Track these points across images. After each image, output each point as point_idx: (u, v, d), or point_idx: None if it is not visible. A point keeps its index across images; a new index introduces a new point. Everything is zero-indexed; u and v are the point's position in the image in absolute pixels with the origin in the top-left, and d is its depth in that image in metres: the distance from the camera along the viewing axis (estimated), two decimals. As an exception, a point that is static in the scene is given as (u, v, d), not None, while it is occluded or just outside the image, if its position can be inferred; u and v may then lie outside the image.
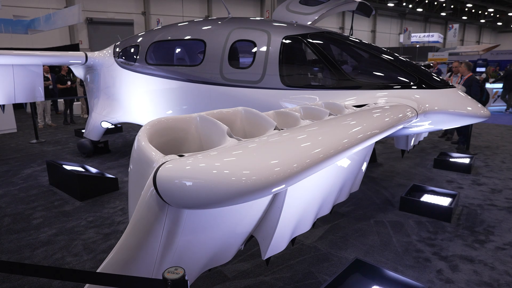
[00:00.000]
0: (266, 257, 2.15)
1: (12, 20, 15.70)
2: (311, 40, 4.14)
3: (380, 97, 3.47)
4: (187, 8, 24.13)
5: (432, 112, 3.26)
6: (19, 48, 7.54)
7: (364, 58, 4.23)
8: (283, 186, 1.25)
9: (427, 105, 3.25)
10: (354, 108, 3.04)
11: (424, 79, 3.63)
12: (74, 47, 16.67)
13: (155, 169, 1.28)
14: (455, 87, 3.77)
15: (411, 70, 3.74)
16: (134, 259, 1.51)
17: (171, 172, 1.24)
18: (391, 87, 3.62)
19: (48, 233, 3.56)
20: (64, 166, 4.82)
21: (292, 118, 2.43)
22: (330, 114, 2.57)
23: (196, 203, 1.20)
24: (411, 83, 3.63)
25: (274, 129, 2.07)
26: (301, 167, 1.32)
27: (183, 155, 1.41)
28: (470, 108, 3.45)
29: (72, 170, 4.68)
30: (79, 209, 4.14)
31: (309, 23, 5.08)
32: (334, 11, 5.23)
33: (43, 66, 10.43)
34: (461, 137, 7.15)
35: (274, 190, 1.22)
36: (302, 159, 1.37)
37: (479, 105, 3.55)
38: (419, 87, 3.57)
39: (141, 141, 1.64)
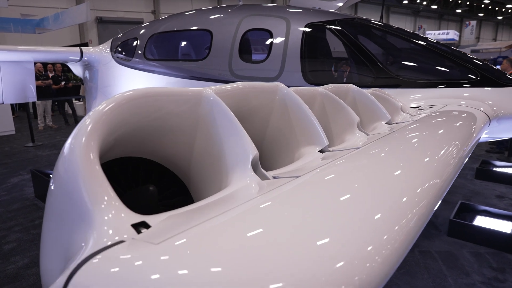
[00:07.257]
0: None
1: (20, 19, 15.40)
2: (339, 28, 3.41)
3: (438, 98, 2.71)
4: (197, 7, 23.62)
5: (507, 117, 2.50)
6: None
7: (409, 50, 3.46)
8: None
9: (501, 108, 2.49)
10: (411, 109, 2.29)
11: (488, 75, 2.86)
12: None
13: (76, 264, 0.58)
14: None
15: (470, 64, 2.97)
16: None
17: (105, 277, 0.54)
18: (447, 85, 2.86)
19: (19, 264, 2.91)
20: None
21: (346, 118, 1.64)
22: (387, 123, 1.84)
23: None
24: (473, 80, 2.86)
25: (319, 155, 1.24)
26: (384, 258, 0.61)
27: (147, 225, 0.71)
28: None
29: (58, 181, 4.05)
30: (62, 230, 3.50)
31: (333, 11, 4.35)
32: (362, -3, 4.48)
33: (47, 64, 9.99)
34: (499, 142, 6.33)
35: None
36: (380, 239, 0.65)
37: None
38: (483, 84, 2.80)
39: (78, 154, 0.77)
